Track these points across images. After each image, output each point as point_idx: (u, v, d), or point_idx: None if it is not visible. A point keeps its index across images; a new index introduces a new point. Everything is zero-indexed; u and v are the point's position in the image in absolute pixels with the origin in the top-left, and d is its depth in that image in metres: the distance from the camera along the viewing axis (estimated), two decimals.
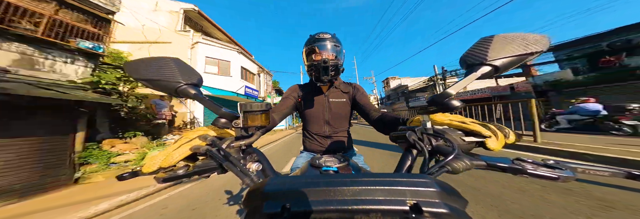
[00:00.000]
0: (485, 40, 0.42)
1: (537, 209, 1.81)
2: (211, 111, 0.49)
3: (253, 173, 0.39)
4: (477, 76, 0.39)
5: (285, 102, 1.09)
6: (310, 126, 1.15)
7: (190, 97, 0.46)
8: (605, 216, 1.67)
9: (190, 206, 2.56)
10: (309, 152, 1.16)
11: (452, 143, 0.39)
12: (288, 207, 0.24)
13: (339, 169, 0.53)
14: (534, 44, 0.38)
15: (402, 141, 0.47)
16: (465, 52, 0.43)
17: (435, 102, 0.42)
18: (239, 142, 0.48)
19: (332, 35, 1.03)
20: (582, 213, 1.73)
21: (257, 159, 0.49)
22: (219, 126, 0.47)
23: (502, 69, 0.39)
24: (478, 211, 1.85)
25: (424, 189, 0.25)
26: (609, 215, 1.68)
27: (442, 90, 1.28)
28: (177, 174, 0.42)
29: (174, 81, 0.45)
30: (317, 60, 0.95)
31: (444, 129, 0.46)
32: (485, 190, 2.30)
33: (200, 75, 0.49)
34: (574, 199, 1.96)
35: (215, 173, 0.45)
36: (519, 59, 0.38)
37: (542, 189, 2.22)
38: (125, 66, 0.47)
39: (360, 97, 1.10)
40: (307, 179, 0.28)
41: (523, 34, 0.40)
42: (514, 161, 0.37)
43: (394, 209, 0.23)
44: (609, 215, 1.68)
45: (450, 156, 0.35)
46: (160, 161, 0.42)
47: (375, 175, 0.28)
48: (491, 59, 0.38)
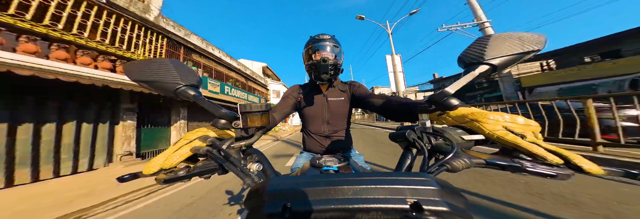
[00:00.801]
0: (483, 39, 0.42)
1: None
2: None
3: (254, 173, 0.39)
4: (476, 75, 0.40)
5: (285, 101, 1.09)
6: (310, 126, 1.15)
7: (189, 98, 0.46)
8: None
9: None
10: (308, 152, 1.16)
11: (452, 142, 0.39)
12: (289, 207, 0.24)
13: (340, 169, 0.53)
14: (531, 43, 0.38)
15: (401, 140, 0.47)
16: (464, 51, 0.43)
17: (433, 101, 0.42)
18: (239, 143, 0.48)
19: (332, 37, 1.04)
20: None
21: (257, 159, 0.49)
22: (218, 127, 0.47)
23: (500, 67, 0.39)
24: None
25: (424, 188, 0.25)
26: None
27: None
28: (178, 175, 0.42)
29: (173, 83, 0.44)
30: (317, 59, 0.95)
31: (444, 127, 0.46)
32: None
33: (199, 76, 0.49)
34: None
35: (216, 174, 0.45)
36: (517, 57, 0.38)
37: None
38: (124, 68, 0.46)
39: (359, 91, 1.08)
40: (307, 179, 0.28)
41: (520, 33, 0.41)
42: (513, 159, 0.37)
43: (394, 207, 0.23)
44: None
45: (449, 154, 0.35)
46: (161, 162, 0.42)
47: (376, 174, 0.28)
48: (489, 58, 0.39)
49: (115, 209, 2.62)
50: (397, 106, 0.78)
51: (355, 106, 1.14)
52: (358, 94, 1.07)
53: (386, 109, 0.85)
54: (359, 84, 1.13)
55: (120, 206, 2.72)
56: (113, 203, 2.79)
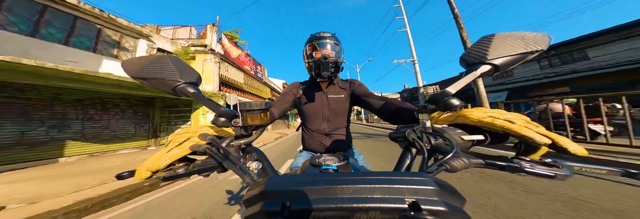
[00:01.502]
0: (486, 39, 0.42)
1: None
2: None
3: (253, 172, 0.39)
4: (477, 75, 0.39)
5: (284, 98, 1.08)
6: (310, 123, 1.14)
7: (188, 96, 0.45)
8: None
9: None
10: (308, 151, 1.16)
11: (451, 142, 0.39)
12: (288, 205, 0.24)
13: (339, 168, 0.53)
14: (534, 42, 0.38)
15: (401, 139, 0.47)
16: (466, 51, 0.43)
17: (434, 101, 0.42)
18: (238, 141, 0.48)
19: (332, 35, 1.03)
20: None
21: (256, 158, 0.49)
22: (218, 125, 0.47)
23: (502, 67, 0.39)
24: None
25: (422, 188, 0.25)
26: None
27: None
28: (177, 173, 0.42)
29: (172, 80, 0.44)
30: (318, 57, 0.95)
31: (444, 128, 0.46)
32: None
33: (198, 74, 0.49)
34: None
35: (215, 172, 0.45)
36: (519, 57, 0.38)
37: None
38: (123, 65, 0.45)
39: (359, 90, 1.08)
40: (306, 178, 0.28)
41: (523, 33, 0.40)
42: (513, 159, 0.37)
43: (392, 207, 0.23)
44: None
45: (448, 154, 0.35)
46: (149, 166, 0.41)
47: (375, 174, 0.28)
48: (491, 58, 0.38)
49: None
50: (394, 109, 0.78)
51: (354, 104, 1.14)
52: (358, 92, 1.07)
53: (384, 111, 0.86)
54: (359, 83, 1.13)
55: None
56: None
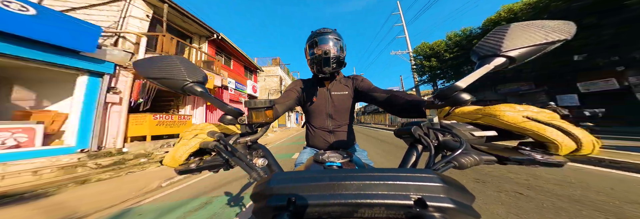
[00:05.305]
0: (501, 30, 0.38)
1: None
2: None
3: (259, 168, 0.39)
4: (490, 68, 0.37)
5: (288, 94, 1.07)
6: (313, 120, 1.14)
7: (196, 94, 0.46)
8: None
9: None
10: (312, 148, 1.16)
11: (460, 138, 0.36)
12: (293, 201, 0.24)
13: (343, 165, 0.53)
14: (556, 31, 0.34)
15: (407, 136, 0.45)
16: (478, 43, 0.40)
17: (443, 96, 0.39)
18: (245, 139, 0.49)
19: (333, 31, 1.02)
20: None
21: (262, 154, 0.49)
22: (225, 123, 0.48)
23: (519, 60, 0.36)
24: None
25: (428, 184, 0.24)
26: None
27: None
28: (190, 167, 0.43)
29: (180, 79, 0.45)
30: (319, 53, 0.94)
31: (452, 123, 0.43)
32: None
33: (205, 73, 0.50)
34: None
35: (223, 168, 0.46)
36: (538, 48, 0.35)
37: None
38: (135, 65, 0.47)
39: (362, 85, 1.05)
40: (311, 174, 0.28)
41: (544, 22, 0.37)
42: (520, 151, 0.35)
43: (398, 203, 0.23)
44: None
45: (457, 151, 0.34)
46: (172, 155, 0.44)
47: (379, 170, 0.28)
48: (506, 50, 0.35)
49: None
50: (403, 102, 0.75)
51: (358, 100, 1.12)
52: (361, 88, 1.04)
53: (391, 105, 0.82)
54: (362, 78, 1.10)
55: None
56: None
